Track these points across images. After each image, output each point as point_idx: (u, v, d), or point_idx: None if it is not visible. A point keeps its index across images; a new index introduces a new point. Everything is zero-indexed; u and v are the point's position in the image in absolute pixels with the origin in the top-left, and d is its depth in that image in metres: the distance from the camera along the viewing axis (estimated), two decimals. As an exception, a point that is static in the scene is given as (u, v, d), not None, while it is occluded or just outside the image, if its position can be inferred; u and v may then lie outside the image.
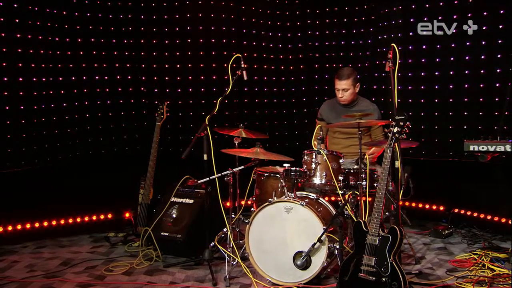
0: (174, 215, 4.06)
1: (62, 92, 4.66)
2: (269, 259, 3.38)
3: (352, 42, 5.26)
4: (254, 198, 3.95)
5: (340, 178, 3.52)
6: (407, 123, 2.74)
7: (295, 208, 3.32)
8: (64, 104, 4.68)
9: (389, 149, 2.74)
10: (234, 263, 3.57)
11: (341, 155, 3.60)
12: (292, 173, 3.47)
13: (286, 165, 3.56)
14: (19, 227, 4.49)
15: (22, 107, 4.41)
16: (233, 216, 3.84)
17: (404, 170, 3.15)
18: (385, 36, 4.83)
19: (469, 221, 4.63)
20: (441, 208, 4.89)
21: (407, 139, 3.03)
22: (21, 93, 4.40)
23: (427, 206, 4.97)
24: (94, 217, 4.89)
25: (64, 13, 4.62)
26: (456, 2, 4.39)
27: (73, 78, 4.72)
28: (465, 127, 4.42)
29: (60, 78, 4.60)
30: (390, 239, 2.65)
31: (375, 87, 4.98)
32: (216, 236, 3.87)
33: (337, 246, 3.27)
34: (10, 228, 4.45)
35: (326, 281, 3.39)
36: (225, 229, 3.85)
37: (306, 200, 3.38)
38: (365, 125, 3.80)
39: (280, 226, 3.36)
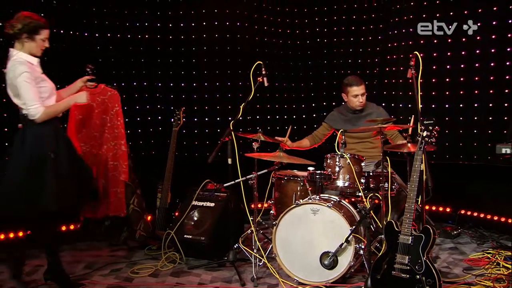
0: (195, 218, 4.15)
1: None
2: (296, 259, 3.49)
3: (360, 50, 5.42)
4: (272, 201, 4.06)
5: (362, 180, 3.66)
6: (436, 127, 2.89)
7: (321, 209, 3.45)
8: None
9: (419, 152, 2.89)
10: (261, 263, 3.67)
11: (363, 159, 3.75)
12: (317, 176, 3.60)
13: (310, 168, 3.69)
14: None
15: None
16: (252, 219, 3.93)
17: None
18: (395, 44, 5.00)
19: (475, 222, 4.79)
20: (448, 209, 5.05)
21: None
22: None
23: (433, 208, 5.13)
24: (111, 222, 4.94)
25: (84, 21, 4.70)
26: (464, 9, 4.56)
27: (92, 84, 4.79)
28: (475, 131, 4.59)
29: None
30: (424, 238, 2.79)
31: (385, 92, 5.14)
32: (240, 238, 3.97)
33: (363, 246, 3.40)
34: (29, 231, 4.48)
35: (350, 280, 3.51)
36: (249, 231, 3.95)
37: (332, 202, 3.50)
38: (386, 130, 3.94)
39: (306, 227, 3.47)
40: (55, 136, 3.27)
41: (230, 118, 5.04)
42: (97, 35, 4.80)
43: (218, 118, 5.22)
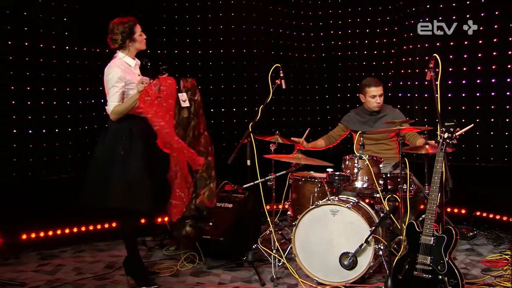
0: (214, 219, 4.19)
1: (93, 101, 4.76)
2: (316, 260, 3.53)
3: (375, 52, 5.45)
4: (289, 202, 4.11)
5: (381, 182, 3.69)
6: (457, 128, 2.92)
7: (341, 210, 3.48)
8: (93, 114, 4.76)
9: (441, 153, 2.91)
10: (280, 264, 3.71)
11: (381, 160, 3.78)
12: (336, 178, 3.64)
13: (329, 170, 3.73)
14: (58, 232, 4.62)
15: (55, 116, 4.53)
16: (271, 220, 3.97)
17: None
18: (410, 46, 5.02)
19: (490, 223, 4.79)
20: (463, 211, 5.06)
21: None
22: (54, 103, 4.52)
23: (448, 209, 5.13)
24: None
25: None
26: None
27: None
28: (492, 133, 4.60)
29: (100, 88, 4.70)
30: (446, 238, 2.82)
31: (400, 94, 5.16)
32: (259, 239, 4.02)
33: (382, 247, 3.43)
34: (50, 233, 4.58)
35: (369, 280, 3.55)
36: (267, 231, 4.00)
37: (351, 203, 3.54)
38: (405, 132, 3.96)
39: (326, 228, 3.51)
40: (130, 135, 3.34)
41: (246, 120, 5.13)
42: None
43: (234, 120, 5.28)
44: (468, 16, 4.61)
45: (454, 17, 4.66)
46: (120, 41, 3.40)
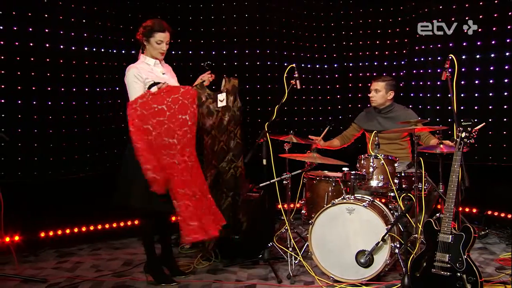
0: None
1: (110, 102, 4.83)
2: (332, 258, 3.58)
3: (386, 52, 5.49)
4: (303, 201, 4.16)
5: (395, 181, 3.73)
6: (475, 128, 2.96)
7: (357, 209, 3.53)
8: (110, 114, 4.83)
9: (458, 152, 2.96)
10: (296, 261, 3.76)
11: (396, 159, 3.83)
12: (353, 177, 3.69)
13: (345, 169, 3.78)
14: (75, 230, 4.69)
15: (75, 117, 4.60)
16: (282, 218, 4.01)
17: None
18: (422, 47, 5.06)
19: (502, 222, 4.82)
20: (474, 210, 5.09)
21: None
22: (74, 103, 4.59)
23: (460, 208, 5.14)
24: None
25: (121, 26, 4.87)
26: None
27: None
28: (504, 132, 4.64)
29: (117, 88, 4.79)
30: (464, 236, 2.87)
31: (412, 94, 5.20)
32: (275, 237, 4.07)
33: (398, 245, 3.48)
34: (68, 231, 4.65)
35: (384, 278, 3.59)
36: (283, 230, 4.06)
37: (366, 202, 3.59)
38: (419, 131, 4.00)
39: (342, 226, 3.56)
40: None
41: (259, 120, 5.20)
42: (132, 39, 4.93)
43: (248, 119, 5.32)
44: (481, 17, 4.65)
45: (466, 18, 4.69)
46: (140, 34, 3.49)
